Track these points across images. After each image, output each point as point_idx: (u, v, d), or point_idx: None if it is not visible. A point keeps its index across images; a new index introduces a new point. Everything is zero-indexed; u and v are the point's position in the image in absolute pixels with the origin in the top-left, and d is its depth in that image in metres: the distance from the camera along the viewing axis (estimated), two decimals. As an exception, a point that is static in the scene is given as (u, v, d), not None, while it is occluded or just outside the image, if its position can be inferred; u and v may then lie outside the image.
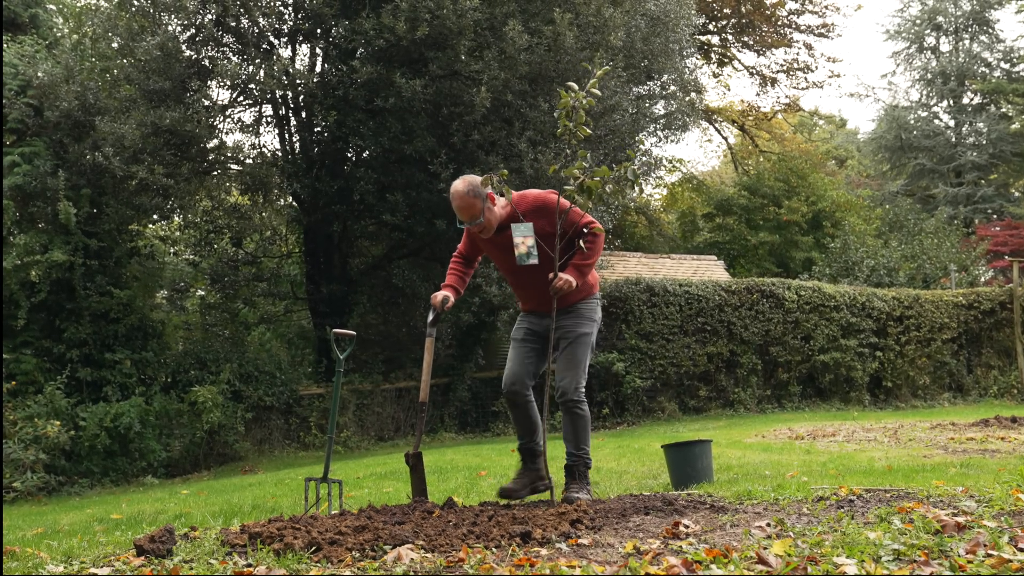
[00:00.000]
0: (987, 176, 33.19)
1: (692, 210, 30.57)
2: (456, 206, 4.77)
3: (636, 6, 14.44)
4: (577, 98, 4.59)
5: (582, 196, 4.59)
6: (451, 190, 4.79)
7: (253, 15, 13.70)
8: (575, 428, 4.96)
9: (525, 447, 5.07)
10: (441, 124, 13.66)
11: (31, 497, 10.53)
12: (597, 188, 4.58)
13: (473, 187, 4.73)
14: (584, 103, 4.60)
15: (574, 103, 4.58)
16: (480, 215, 4.75)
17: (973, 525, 3.44)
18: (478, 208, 4.74)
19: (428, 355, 5.01)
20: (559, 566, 3.06)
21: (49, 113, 13.06)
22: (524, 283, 4.99)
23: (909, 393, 16.59)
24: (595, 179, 4.57)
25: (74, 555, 3.77)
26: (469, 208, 4.74)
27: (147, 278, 14.75)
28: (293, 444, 13.89)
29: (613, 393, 15.14)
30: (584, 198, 4.59)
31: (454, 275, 5.14)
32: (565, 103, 4.59)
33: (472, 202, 4.72)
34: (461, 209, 4.76)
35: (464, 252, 5.20)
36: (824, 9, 27.19)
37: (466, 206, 4.74)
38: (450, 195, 4.80)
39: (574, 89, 4.62)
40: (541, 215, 4.78)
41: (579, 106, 4.59)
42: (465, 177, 4.84)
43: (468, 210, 4.75)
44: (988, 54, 34.15)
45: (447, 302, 4.91)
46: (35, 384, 12.38)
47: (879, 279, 20.33)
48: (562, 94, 4.61)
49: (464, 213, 4.76)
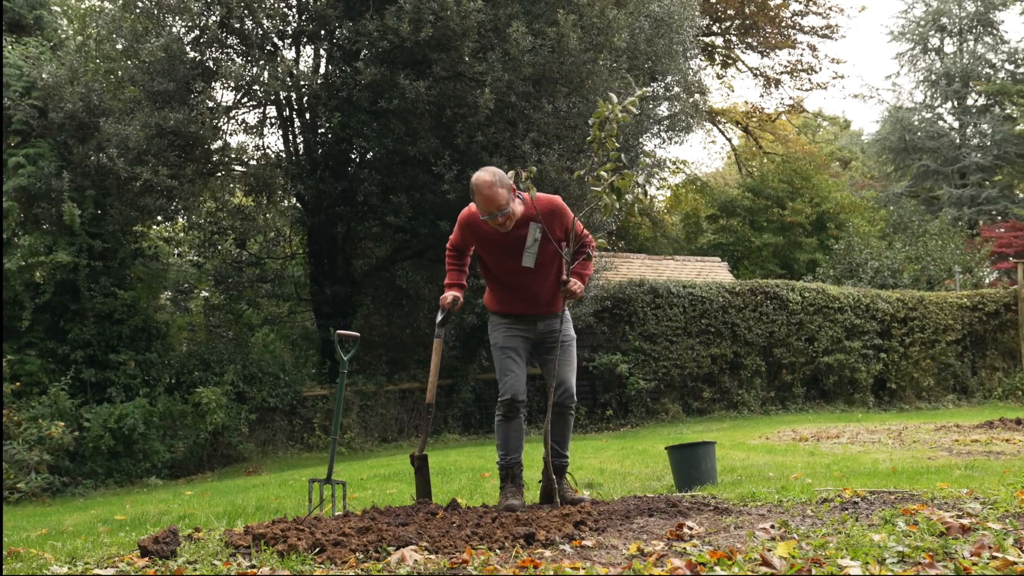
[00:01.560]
0: (991, 177, 33.12)
1: (696, 212, 30.55)
2: (484, 196, 4.54)
3: (640, 7, 14.42)
4: (614, 111, 4.51)
5: (610, 196, 4.53)
6: (474, 181, 4.56)
7: (257, 17, 13.71)
8: (567, 429, 4.89)
9: (515, 462, 4.84)
10: (445, 125, 13.66)
11: (35, 498, 10.54)
12: (627, 188, 4.54)
13: (499, 176, 4.56)
14: (620, 117, 4.52)
15: (610, 115, 4.51)
16: (507, 206, 4.56)
17: (978, 527, 3.43)
18: (504, 198, 4.55)
19: (436, 356, 4.95)
20: (563, 568, 3.06)
21: (53, 114, 13.08)
22: (522, 285, 4.82)
23: (913, 395, 16.57)
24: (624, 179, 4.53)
25: (78, 556, 3.78)
26: (495, 198, 4.53)
27: (151, 279, 14.75)
28: (297, 445, 13.89)
29: (617, 395, 15.14)
30: (612, 199, 4.54)
31: (455, 271, 4.98)
32: (601, 113, 4.51)
33: (499, 192, 4.53)
34: (489, 200, 4.54)
35: (457, 244, 4.99)
36: (828, 10, 27.19)
37: (493, 196, 4.52)
38: (473, 187, 4.57)
39: (612, 101, 4.53)
40: (555, 219, 4.70)
41: (614, 118, 4.51)
42: (488, 168, 4.65)
43: (494, 200, 4.53)
44: (993, 55, 34.11)
45: (456, 303, 4.82)
46: (39, 385, 12.40)
47: (883, 281, 20.31)
48: (600, 104, 4.54)
49: (491, 204, 4.54)
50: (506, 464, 4.84)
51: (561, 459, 4.88)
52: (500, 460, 4.87)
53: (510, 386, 4.80)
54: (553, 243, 4.70)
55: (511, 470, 4.83)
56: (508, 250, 4.75)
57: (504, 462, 4.84)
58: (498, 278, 4.92)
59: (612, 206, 4.55)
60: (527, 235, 4.69)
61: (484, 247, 4.85)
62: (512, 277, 4.83)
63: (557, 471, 4.84)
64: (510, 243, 4.73)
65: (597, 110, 4.53)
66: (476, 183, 4.56)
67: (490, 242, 4.79)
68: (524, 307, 4.88)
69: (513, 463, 4.83)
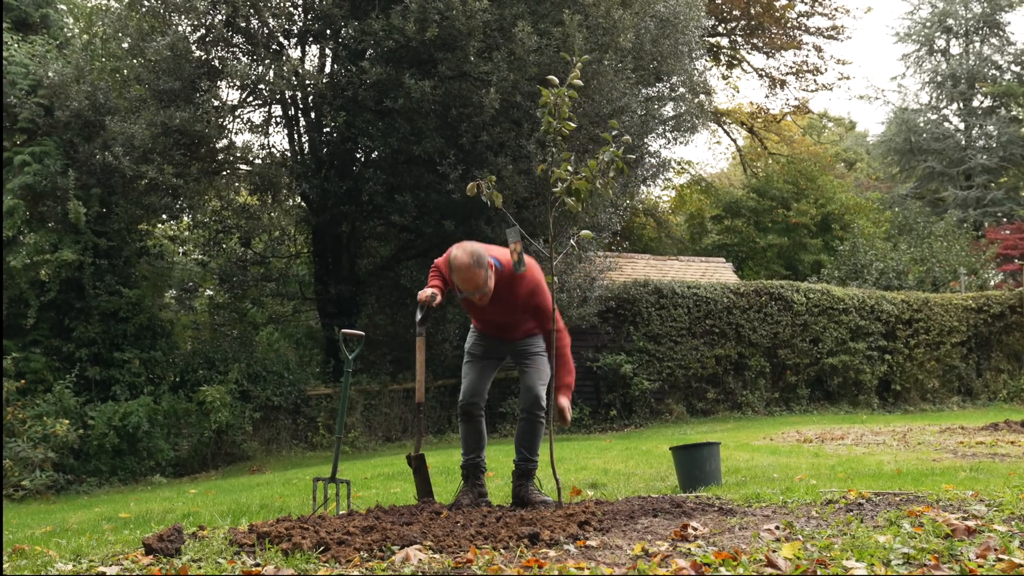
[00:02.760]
0: (997, 179, 33.06)
1: (701, 212, 30.52)
2: (462, 278, 4.50)
3: (645, 8, 14.41)
4: (559, 95, 4.45)
5: (571, 199, 4.51)
6: (452, 261, 4.51)
7: (263, 16, 13.73)
8: (535, 436, 4.88)
9: (472, 463, 4.93)
10: (450, 125, 13.67)
11: (40, 495, 10.57)
12: (585, 188, 4.50)
13: (477, 257, 4.48)
14: (566, 99, 4.46)
15: (555, 100, 4.44)
16: (484, 285, 4.53)
17: (983, 529, 3.42)
18: (483, 279, 4.50)
19: (420, 355, 4.92)
20: (567, 568, 3.06)
21: (60, 113, 13.11)
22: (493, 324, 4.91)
23: (918, 396, 16.54)
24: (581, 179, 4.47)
25: (83, 553, 3.78)
26: (473, 279, 4.49)
27: (156, 278, 14.79)
28: (301, 444, 13.91)
29: (621, 395, 15.12)
30: (574, 201, 4.51)
31: (436, 279, 4.96)
32: (546, 100, 4.45)
33: (477, 273, 4.48)
34: (467, 281, 4.50)
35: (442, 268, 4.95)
36: (834, 11, 27.13)
37: (471, 278, 4.49)
38: (451, 265, 4.52)
39: (555, 84, 4.46)
40: (531, 297, 4.73)
41: (561, 103, 4.46)
42: (464, 245, 4.56)
43: (472, 281, 4.50)
44: (999, 57, 34.04)
45: (435, 298, 4.75)
46: (44, 383, 12.43)
47: (888, 282, 20.27)
48: (543, 91, 4.47)
49: (469, 285, 4.51)
50: (465, 464, 4.96)
51: (528, 463, 4.90)
52: (462, 460, 4.99)
53: (466, 389, 4.93)
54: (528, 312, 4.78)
55: (469, 470, 4.94)
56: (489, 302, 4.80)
57: (464, 461, 4.97)
58: (472, 314, 5.01)
59: (575, 207, 4.52)
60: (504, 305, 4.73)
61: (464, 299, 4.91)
62: (484, 314, 4.88)
63: (524, 474, 4.89)
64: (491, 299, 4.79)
65: (541, 98, 4.46)
66: (455, 263, 4.51)
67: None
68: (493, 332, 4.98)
69: (470, 464, 4.94)
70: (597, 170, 4.47)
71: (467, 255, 4.48)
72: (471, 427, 4.94)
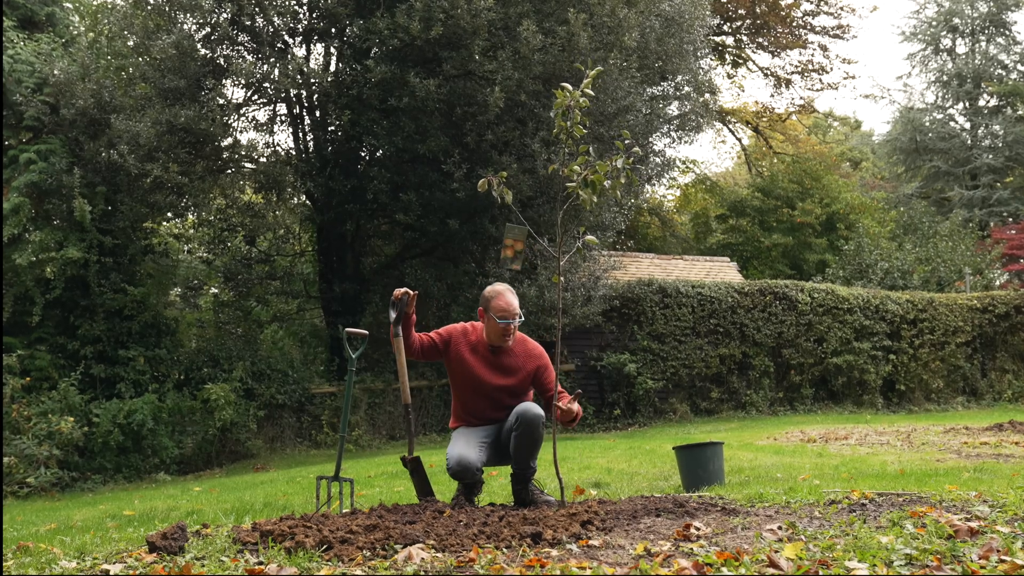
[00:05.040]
0: (1003, 179, 32.94)
1: (705, 211, 30.48)
2: (507, 300, 4.80)
3: (650, 7, 14.40)
4: (573, 97, 4.60)
5: (585, 191, 4.57)
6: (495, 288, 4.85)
7: (268, 14, 13.74)
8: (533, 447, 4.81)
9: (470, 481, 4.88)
10: (455, 124, 13.67)
11: (44, 493, 10.60)
12: (600, 182, 4.56)
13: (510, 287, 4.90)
14: (580, 103, 4.60)
15: (570, 103, 4.59)
16: (519, 312, 4.85)
17: (986, 530, 3.42)
18: (518, 304, 4.87)
19: (400, 356, 4.89)
20: (569, 567, 3.06)
21: (65, 111, 13.14)
22: (486, 406, 4.92)
23: (922, 396, 16.52)
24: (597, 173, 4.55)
25: (87, 551, 3.79)
26: (514, 302, 4.83)
27: (161, 276, 14.81)
28: (305, 442, 13.92)
29: (625, 394, 15.12)
30: (588, 193, 4.57)
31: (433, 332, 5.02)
32: (561, 103, 4.60)
33: (515, 298, 4.86)
34: (509, 304, 4.79)
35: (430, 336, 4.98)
36: (839, 10, 27.07)
37: (512, 300, 4.82)
38: (493, 293, 4.83)
39: (569, 89, 4.62)
40: (533, 361, 4.90)
41: (575, 106, 4.59)
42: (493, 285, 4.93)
43: (513, 304, 4.82)
44: (1005, 56, 33.91)
45: (408, 295, 4.78)
46: (49, 380, 12.46)
47: (893, 282, 20.24)
48: (557, 94, 4.62)
49: (511, 308, 4.80)
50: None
51: (527, 471, 4.87)
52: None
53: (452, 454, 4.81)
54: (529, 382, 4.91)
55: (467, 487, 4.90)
56: (489, 370, 4.89)
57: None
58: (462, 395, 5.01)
59: (589, 200, 4.59)
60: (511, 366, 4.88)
61: (467, 366, 4.92)
62: (476, 396, 4.94)
63: (523, 479, 4.89)
64: (495, 364, 4.89)
65: (556, 101, 4.61)
66: (498, 288, 4.86)
67: (477, 360, 4.91)
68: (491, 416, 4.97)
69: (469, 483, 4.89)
70: (609, 168, 4.58)
71: (502, 284, 4.88)
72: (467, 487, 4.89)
